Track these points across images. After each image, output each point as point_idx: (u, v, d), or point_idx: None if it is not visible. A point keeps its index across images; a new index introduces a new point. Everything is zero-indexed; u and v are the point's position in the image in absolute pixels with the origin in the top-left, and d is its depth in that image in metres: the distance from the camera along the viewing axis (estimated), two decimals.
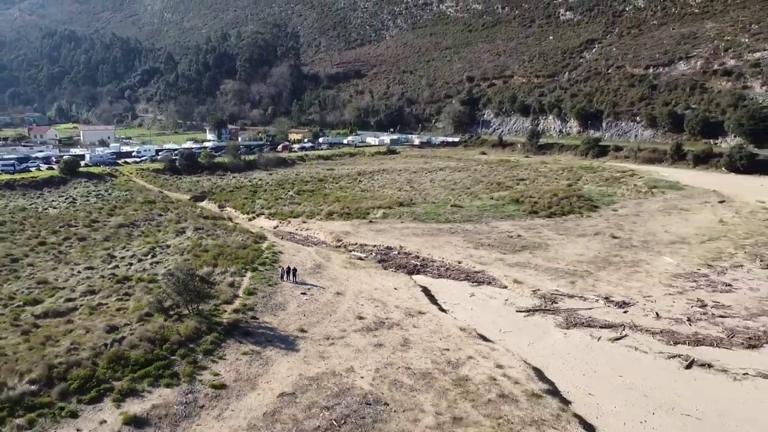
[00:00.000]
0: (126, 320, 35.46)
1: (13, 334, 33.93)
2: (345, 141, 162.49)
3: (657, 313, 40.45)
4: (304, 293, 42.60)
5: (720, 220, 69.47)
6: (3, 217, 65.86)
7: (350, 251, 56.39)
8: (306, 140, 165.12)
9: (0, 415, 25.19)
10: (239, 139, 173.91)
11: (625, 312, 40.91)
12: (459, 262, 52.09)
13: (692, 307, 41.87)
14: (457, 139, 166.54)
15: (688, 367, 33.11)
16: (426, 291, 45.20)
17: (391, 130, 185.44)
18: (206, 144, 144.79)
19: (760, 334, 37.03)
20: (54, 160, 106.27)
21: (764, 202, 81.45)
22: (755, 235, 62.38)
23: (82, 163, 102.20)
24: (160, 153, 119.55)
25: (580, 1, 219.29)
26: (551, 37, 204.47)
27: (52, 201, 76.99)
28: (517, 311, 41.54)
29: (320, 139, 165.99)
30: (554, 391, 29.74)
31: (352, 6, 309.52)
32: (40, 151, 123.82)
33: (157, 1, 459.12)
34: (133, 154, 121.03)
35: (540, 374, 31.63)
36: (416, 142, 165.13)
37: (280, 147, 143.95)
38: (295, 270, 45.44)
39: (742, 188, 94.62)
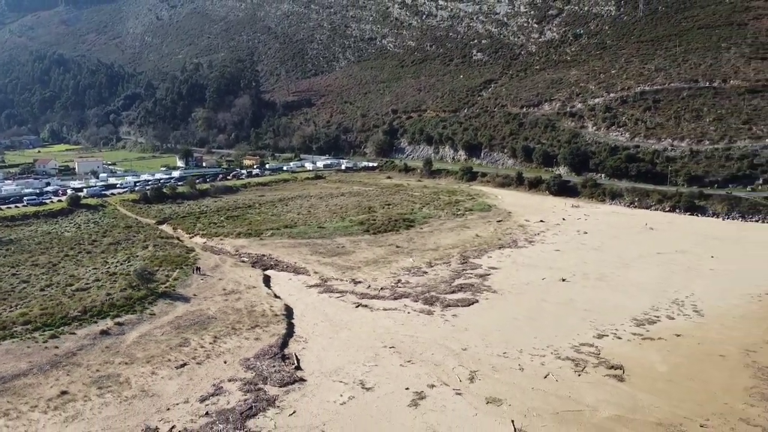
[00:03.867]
0: (115, 291, 78.86)
1: (64, 297, 77.34)
2: (285, 167, 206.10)
3: (369, 285, 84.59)
4: (202, 279, 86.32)
5: (476, 234, 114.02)
6: (38, 238, 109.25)
7: (240, 257, 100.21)
8: (255, 166, 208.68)
9: (69, 321, 68.71)
10: (204, 164, 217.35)
11: (356, 286, 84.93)
12: (295, 262, 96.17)
13: (391, 283, 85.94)
14: (375, 165, 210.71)
15: (357, 307, 77.08)
16: (266, 278, 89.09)
17: (327, 156, 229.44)
18: (174, 173, 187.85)
19: (404, 294, 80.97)
20: (61, 192, 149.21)
21: (529, 221, 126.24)
22: (484, 245, 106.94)
23: (81, 195, 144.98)
24: (137, 184, 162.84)
25: (489, 43, 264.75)
26: (462, 76, 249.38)
27: (66, 227, 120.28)
28: (305, 286, 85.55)
29: (266, 165, 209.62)
30: (288, 315, 73.62)
31: (309, 38, 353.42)
32: (48, 184, 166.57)
33: (139, 24, 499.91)
34: (117, 185, 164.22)
35: (288, 309, 75.50)
36: (343, 167, 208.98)
37: (230, 175, 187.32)
38: (199, 268, 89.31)
39: (538, 208, 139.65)
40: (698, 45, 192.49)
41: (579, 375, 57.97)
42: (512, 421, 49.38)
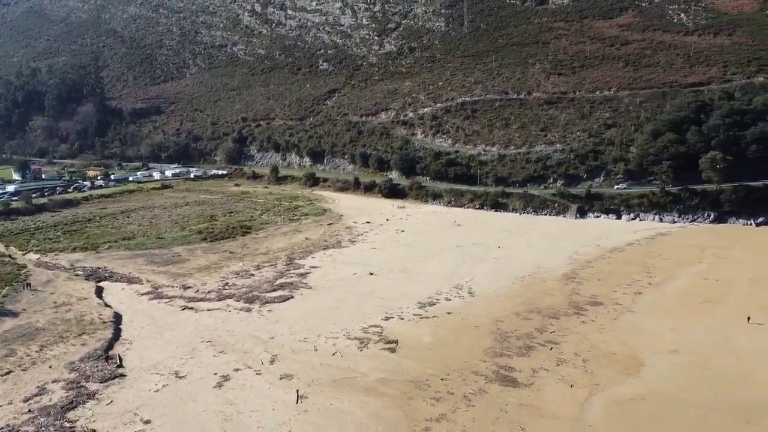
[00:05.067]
0: None
1: None
2: (131, 178, 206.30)
3: (198, 290, 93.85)
4: (33, 294, 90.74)
5: (306, 237, 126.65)
6: None
7: (74, 271, 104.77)
8: (99, 177, 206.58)
9: None
10: (44, 176, 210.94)
11: (185, 291, 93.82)
12: (129, 273, 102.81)
13: (219, 286, 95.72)
14: (225, 172, 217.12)
15: (183, 309, 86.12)
16: (99, 289, 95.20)
17: (176, 165, 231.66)
18: (8, 188, 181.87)
19: (229, 295, 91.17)
20: None
21: (357, 222, 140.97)
22: (311, 247, 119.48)
23: None
24: None
25: (335, 53, 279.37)
26: (308, 85, 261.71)
27: None
28: (137, 294, 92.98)
29: (112, 176, 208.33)
30: (116, 321, 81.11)
31: (158, 43, 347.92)
32: None
33: None
34: None
35: (117, 316, 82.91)
36: (192, 175, 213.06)
37: (71, 188, 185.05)
38: (30, 284, 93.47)
39: (369, 210, 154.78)
40: (510, 61, 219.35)
41: (361, 350, 71.89)
42: (297, 390, 61.84)
